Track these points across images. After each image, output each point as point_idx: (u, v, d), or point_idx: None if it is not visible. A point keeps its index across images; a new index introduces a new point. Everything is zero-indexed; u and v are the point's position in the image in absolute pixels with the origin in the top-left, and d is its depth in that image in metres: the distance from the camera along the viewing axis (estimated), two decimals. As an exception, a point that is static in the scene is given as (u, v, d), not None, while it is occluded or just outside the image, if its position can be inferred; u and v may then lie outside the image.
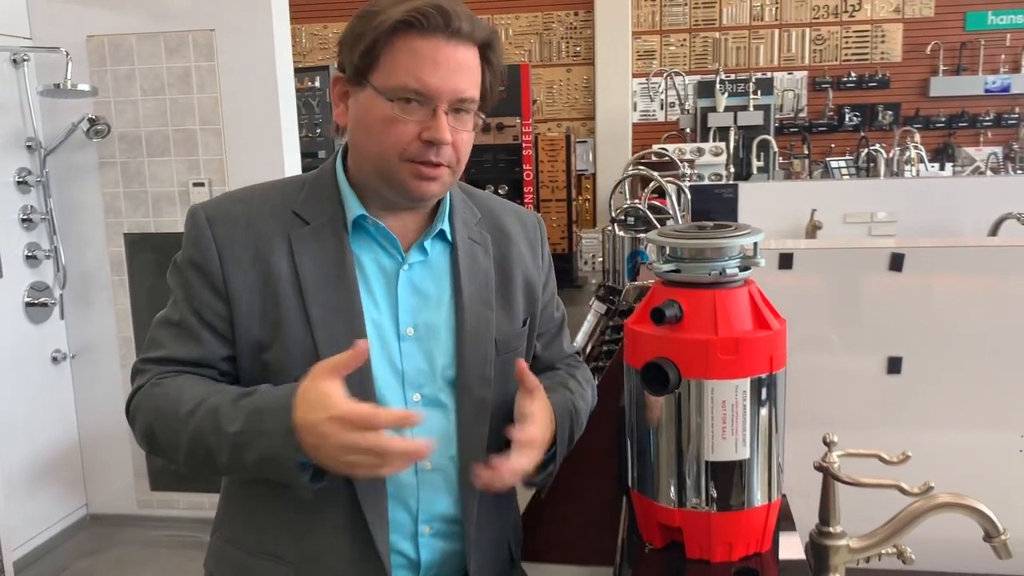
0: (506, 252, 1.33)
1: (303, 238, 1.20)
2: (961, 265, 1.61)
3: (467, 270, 1.27)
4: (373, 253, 1.24)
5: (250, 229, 1.20)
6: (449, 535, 1.26)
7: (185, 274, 1.22)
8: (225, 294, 1.19)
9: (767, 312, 1.00)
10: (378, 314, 1.21)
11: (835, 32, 7.05)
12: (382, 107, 1.15)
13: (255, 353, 1.19)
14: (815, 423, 1.24)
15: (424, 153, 1.16)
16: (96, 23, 3.33)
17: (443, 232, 1.28)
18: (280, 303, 1.17)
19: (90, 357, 3.59)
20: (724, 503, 1.00)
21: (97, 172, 3.45)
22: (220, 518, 1.32)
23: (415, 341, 1.23)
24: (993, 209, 2.91)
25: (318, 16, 7.57)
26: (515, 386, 1.26)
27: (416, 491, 1.22)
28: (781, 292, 1.20)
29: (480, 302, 1.27)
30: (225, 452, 1.10)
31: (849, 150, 6.28)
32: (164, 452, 1.18)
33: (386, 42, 1.14)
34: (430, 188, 1.19)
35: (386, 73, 1.15)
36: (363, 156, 1.22)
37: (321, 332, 1.16)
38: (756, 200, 3.23)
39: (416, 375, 1.22)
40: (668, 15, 7.27)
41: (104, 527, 3.65)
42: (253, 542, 1.24)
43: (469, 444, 1.23)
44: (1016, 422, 1.56)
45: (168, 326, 1.22)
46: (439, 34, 1.14)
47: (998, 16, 6.80)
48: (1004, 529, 1.03)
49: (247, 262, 1.19)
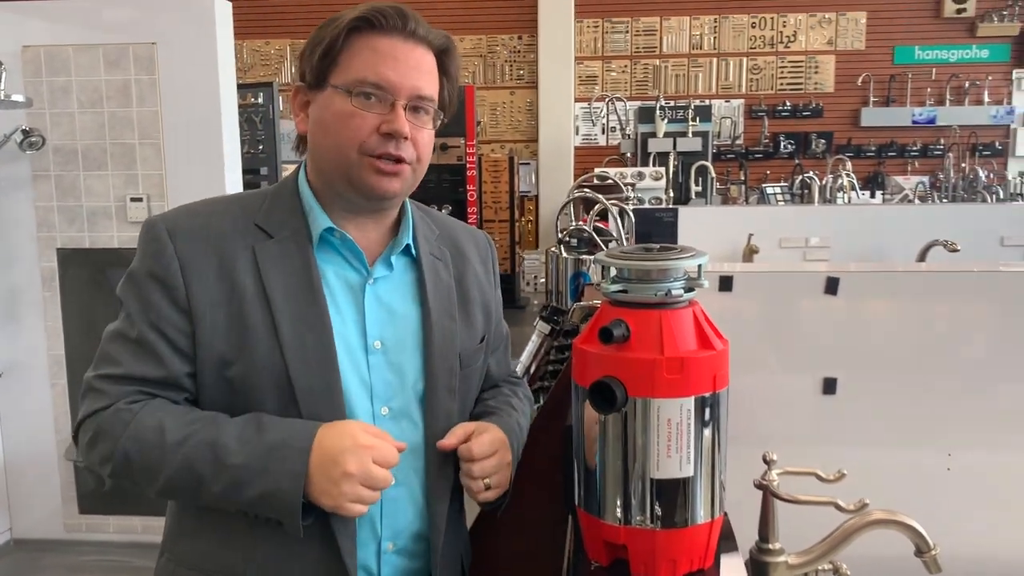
0: (463, 270, 1.35)
1: (268, 251, 1.19)
2: (892, 289, 1.67)
3: (432, 285, 1.28)
4: (338, 267, 1.23)
5: (212, 243, 1.18)
6: (411, 552, 1.26)
7: (143, 288, 1.18)
8: (188, 309, 1.16)
9: (711, 332, 1.02)
10: (345, 328, 1.21)
11: (771, 62, 7.25)
12: (341, 103, 1.17)
13: (219, 369, 1.16)
14: (754, 441, 1.27)
15: (383, 145, 1.17)
16: (32, 33, 3.25)
17: (407, 247, 1.28)
18: (247, 318, 1.16)
19: (17, 375, 3.47)
20: (668, 520, 1.01)
21: (30, 185, 3.35)
22: (170, 537, 1.27)
23: (382, 354, 1.23)
24: (921, 236, 3.03)
25: (260, 32, 7.50)
26: (472, 399, 1.31)
27: (380, 506, 1.21)
28: (721, 314, 1.23)
29: (445, 316, 1.28)
30: (221, 484, 1.08)
31: (784, 177, 6.44)
32: (135, 478, 1.14)
33: (345, 41, 1.17)
34: (391, 185, 1.19)
35: (346, 70, 1.17)
36: (323, 156, 1.21)
37: (290, 346, 1.15)
38: (695, 224, 3.31)
39: (384, 388, 1.22)
40: (610, 42, 7.39)
41: (29, 552, 3.51)
42: (209, 561, 1.20)
43: (435, 456, 1.24)
44: (944, 440, 1.62)
45: (125, 342, 1.18)
46: (397, 33, 1.17)
47: (924, 51, 7.08)
48: (934, 544, 1.06)
49: (211, 276, 1.17)
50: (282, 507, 1.08)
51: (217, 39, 3.23)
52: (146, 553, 3.30)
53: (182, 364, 1.17)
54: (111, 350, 1.19)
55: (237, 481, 1.08)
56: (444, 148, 6.69)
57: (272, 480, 1.07)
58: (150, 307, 1.17)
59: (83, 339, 3.40)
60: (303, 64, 1.22)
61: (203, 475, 1.09)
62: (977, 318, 1.63)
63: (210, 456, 1.09)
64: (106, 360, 1.19)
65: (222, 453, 1.08)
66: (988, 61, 7.04)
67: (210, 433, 1.10)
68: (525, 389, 1.48)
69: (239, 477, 1.08)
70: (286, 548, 1.17)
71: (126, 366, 1.16)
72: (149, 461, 1.11)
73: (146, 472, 1.13)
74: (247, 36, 7.41)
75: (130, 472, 1.14)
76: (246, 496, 1.08)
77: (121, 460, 1.13)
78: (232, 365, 1.16)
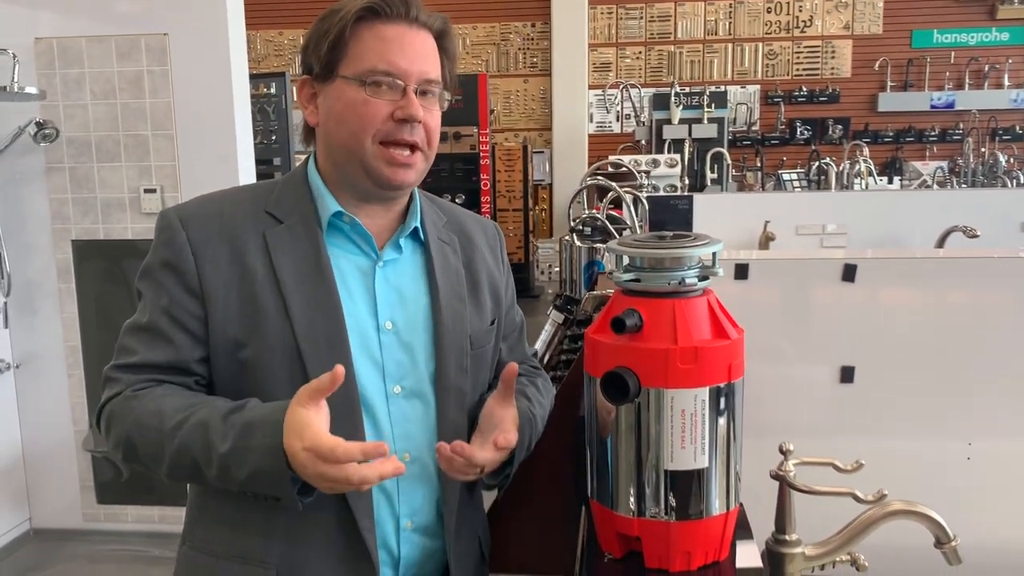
0: (471, 255, 1.37)
1: (278, 236, 1.22)
2: (911, 276, 1.64)
3: (440, 267, 1.30)
4: (348, 251, 1.26)
5: (224, 229, 1.21)
6: (429, 530, 1.27)
7: (156, 276, 1.21)
8: (200, 293, 1.19)
9: (725, 321, 1.01)
10: (356, 309, 1.23)
11: (787, 47, 7.17)
12: (353, 92, 1.19)
13: (231, 352, 1.19)
14: (770, 431, 1.25)
15: (398, 132, 1.20)
16: (45, 25, 3.25)
17: (415, 231, 1.31)
18: (258, 300, 1.18)
19: (35, 367, 3.50)
20: (683, 512, 1.00)
21: (44, 177, 3.36)
22: (189, 526, 1.30)
23: (394, 335, 1.25)
24: (939, 222, 2.98)
25: (273, 22, 7.49)
26: (484, 380, 1.32)
27: (396, 484, 1.23)
28: (737, 302, 1.21)
29: (454, 297, 1.30)
30: (215, 467, 1.10)
31: (800, 163, 6.38)
32: (143, 463, 1.17)
33: (352, 32, 1.19)
34: (405, 175, 1.23)
35: (355, 60, 1.19)
36: (337, 146, 1.23)
37: (302, 327, 1.17)
38: (710, 211, 3.28)
39: (396, 368, 1.24)
40: (624, 28, 7.33)
41: (48, 542, 3.54)
42: (229, 547, 1.22)
43: (449, 433, 1.25)
44: (964, 429, 1.59)
45: (138, 331, 1.21)
46: (401, 20, 1.20)
47: (943, 34, 6.98)
48: (954, 535, 1.04)
49: (223, 260, 1.20)
50: (272, 483, 1.08)
51: (229, 29, 3.22)
52: (164, 543, 3.33)
53: (194, 348, 1.20)
54: (126, 341, 1.22)
55: (227, 465, 1.09)
56: (457, 137, 6.68)
57: (258, 458, 1.07)
58: (163, 294, 1.20)
59: (99, 330, 3.41)
60: (308, 56, 1.24)
61: (198, 459, 1.11)
62: (997, 305, 1.60)
63: (202, 442, 1.10)
64: (122, 351, 1.22)
65: (212, 436, 1.10)
66: (1008, 44, 6.93)
67: (202, 416, 1.12)
68: (544, 378, 1.48)
69: (228, 461, 1.09)
70: (304, 530, 1.19)
71: (140, 354, 1.19)
72: (150, 446, 1.14)
73: (150, 457, 1.16)
74: (260, 26, 7.41)
75: (137, 456, 1.17)
76: (238, 477, 1.09)
77: (127, 445, 1.16)
78: (245, 347, 1.18)
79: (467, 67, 7.22)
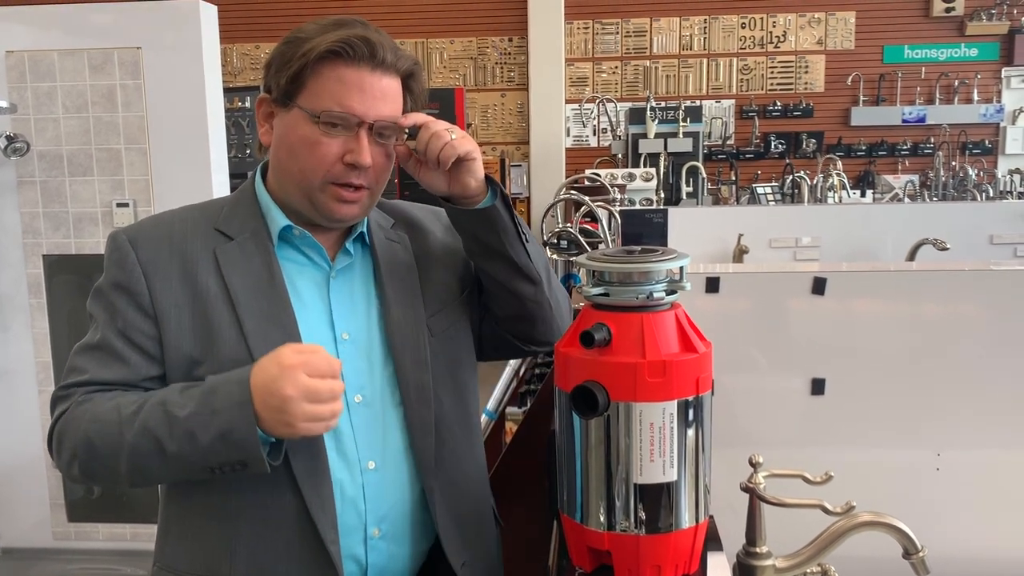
0: (423, 242, 1.37)
1: (229, 253, 1.22)
2: (881, 289, 1.66)
3: (388, 269, 1.30)
4: (301, 263, 1.26)
5: (174, 248, 1.22)
6: (399, 537, 1.27)
7: (108, 297, 1.21)
8: (153, 313, 1.19)
9: (693, 335, 1.01)
10: (313, 322, 1.23)
11: (761, 62, 7.25)
12: (307, 128, 1.19)
13: (187, 370, 1.19)
14: (742, 443, 1.26)
15: (346, 175, 1.20)
16: (16, 39, 3.22)
17: (362, 236, 1.31)
18: (211, 317, 1.18)
19: (5, 383, 3.44)
20: (652, 525, 1.00)
21: (15, 191, 3.32)
22: (159, 546, 1.29)
23: (351, 344, 1.25)
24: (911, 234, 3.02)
25: (249, 36, 7.47)
26: (459, 356, 1.33)
27: (363, 491, 1.22)
28: (708, 315, 1.22)
29: (406, 294, 1.30)
30: (176, 440, 1.09)
31: (775, 177, 6.44)
32: (103, 462, 1.15)
33: (313, 69, 1.18)
34: (350, 211, 1.23)
35: (313, 96, 1.19)
36: (286, 175, 1.24)
37: (256, 342, 1.17)
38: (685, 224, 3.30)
39: (356, 377, 1.24)
40: (600, 43, 7.38)
41: (17, 561, 3.48)
42: (194, 564, 1.22)
43: (418, 430, 1.25)
44: (932, 441, 1.61)
45: (89, 351, 1.21)
46: (364, 64, 1.19)
47: (913, 50, 7.08)
48: (922, 546, 1.05)
49: (175, 279, 1.20)
50: (241, 443, 1.08)
51: (203, 43, 3.21)
52: (136, 561, 3.28)
53: (148, 367, 1.20)
54: (77, 361, 1.23)
55: (191, 430, 1.09)
56: (435, 151, 6.69)
57: (224, 419, 1.07)
58: (116, 315, 1.20)
59: (70, 346, 3.32)
60: (268, 78, 1.24)
61: (160, 436, 1.10)
62: (967, 317, 1.62)
63: (162, 415, 1.10)
64: (72, 371, 1.23)
65: (172, 408, 1.10)
66: (977, 60, 7.04)
67: (160, 395, 1.13)
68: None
69: (191, 426, 1.08)
70: (268, 543, 1.18)
71: (91, 372, 1.19)
72: (110, 439, 1.13)
73: (110, 453, 1.13)
74: (236, 40, 7.38)
75: (96, 456, 1.15)
76: (203, 443, 1.08)
77: (85, 448, 1.15)
78: (201, 365, 1.18)
79: (444, 81, 7.22)
